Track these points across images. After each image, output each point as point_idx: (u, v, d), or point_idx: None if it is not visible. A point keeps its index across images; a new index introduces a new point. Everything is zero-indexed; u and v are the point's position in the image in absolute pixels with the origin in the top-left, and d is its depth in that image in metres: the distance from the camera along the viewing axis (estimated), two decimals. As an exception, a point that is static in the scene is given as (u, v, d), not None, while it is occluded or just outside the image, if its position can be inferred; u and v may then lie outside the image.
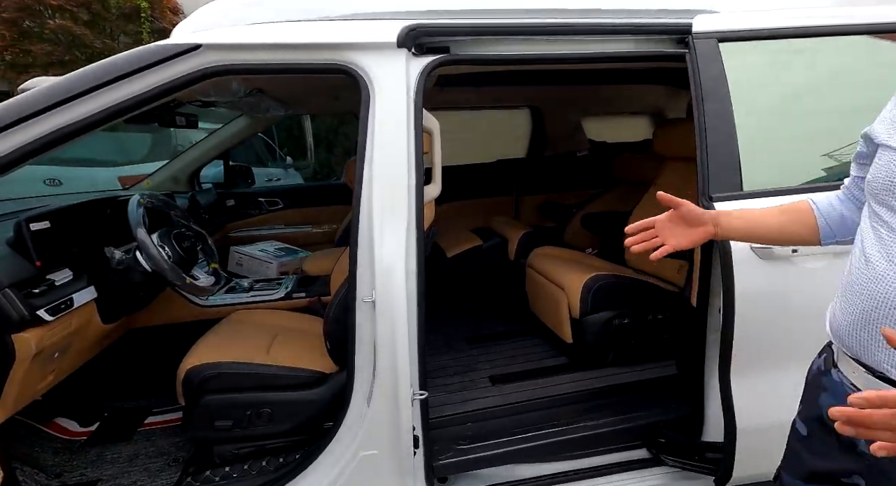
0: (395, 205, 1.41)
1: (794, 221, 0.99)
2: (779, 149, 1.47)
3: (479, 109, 3.33)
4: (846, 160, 1.24)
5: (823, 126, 1.51)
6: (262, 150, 5.94)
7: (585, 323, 1.95)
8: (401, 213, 1.41)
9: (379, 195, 1.40)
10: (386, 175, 1.40)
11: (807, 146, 1.50)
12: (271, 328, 1.88)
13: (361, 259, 1.41)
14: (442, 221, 3.48)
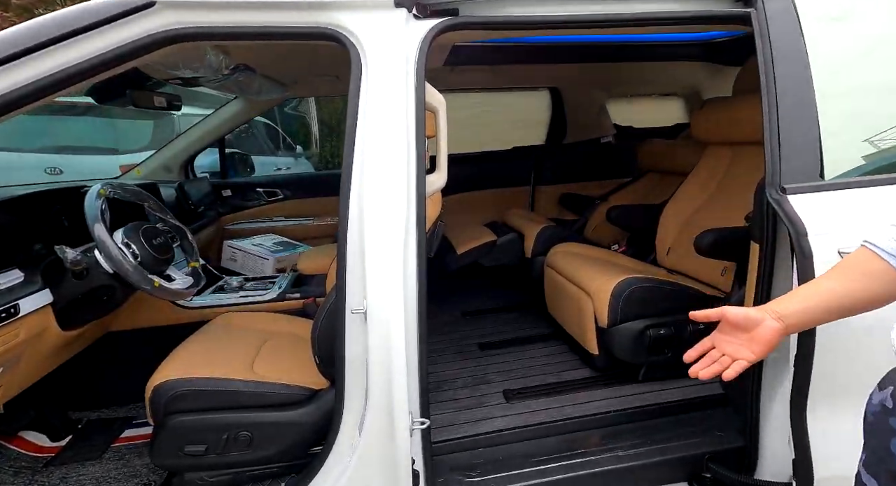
0: (390, 198, 1.17)
1: (862, 278, 0.80)
2: (870, 129, 1.19)
3: (493, 91, 3.06)
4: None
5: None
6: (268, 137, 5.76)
7: (614, 334, 1.70)
8: (398, 207, 1.18)
9: (371, 187, 1.17)
10: (380, 163, 1.17)
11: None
12: (260, 334, 1.67)
13: (351, 262, 1.19)
14: (452, 214, 3.24)
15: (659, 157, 2.78)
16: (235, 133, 5.55)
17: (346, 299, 1.19)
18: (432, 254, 1.66)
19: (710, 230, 1.68)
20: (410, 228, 1.20)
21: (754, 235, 1.40)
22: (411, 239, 1.21)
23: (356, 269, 1.18)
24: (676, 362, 1.81)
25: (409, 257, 1.20)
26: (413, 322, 1.22)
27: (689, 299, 1.75)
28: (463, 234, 2.71)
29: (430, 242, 1.51)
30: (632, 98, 3.29)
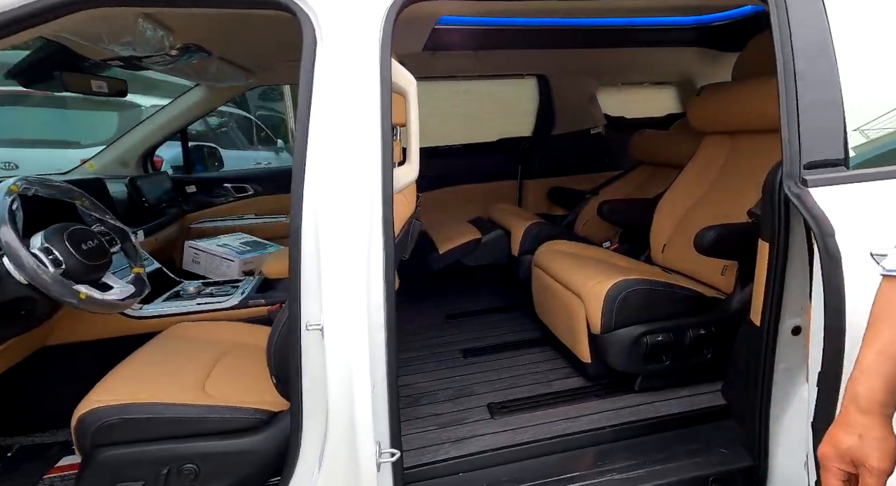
0: (350, 197, 1.00)
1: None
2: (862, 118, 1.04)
3: (477, 78, 2.88)
4: None
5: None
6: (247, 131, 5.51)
7: (608, 341, 1.56)
8: (359, 207, 1.01)
9: (328, 184, 1.00)
10: (337, 156, 1.00)
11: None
12: (216, 347, 1.49)
13: (306, 270, 1.02)
14: (434, 210, 3.08)
15: (652, 148, 2.64)
16: (214, 127, 5.31)
17: (300, 312, 1.02)
18: (406, 256, 1.49)
19: (711, 227, 1.54)
20: (375, 230, 1.03)
21: (764, 232, 1.26)
22: (376, 242, 1.04)
23: (311, 278, 1.01)
24: (675, 370, 1.69)
25: (373, 263, 1.04)
26: (380, 338, 1.05)
27: (689, 303, 1.61)
28: (445, 231, 2.54)
29: (402, 244, 1.34)
30: (622, 87, 3.14)
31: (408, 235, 1.42)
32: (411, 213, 1.38)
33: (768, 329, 1.23)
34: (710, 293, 1.68)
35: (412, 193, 1.39)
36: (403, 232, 1.32)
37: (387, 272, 1.06)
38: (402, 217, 1.31)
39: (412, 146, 1.17)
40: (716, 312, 1.61)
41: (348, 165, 1.01)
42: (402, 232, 1.32)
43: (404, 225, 1.33)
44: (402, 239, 1.32)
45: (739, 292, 1.61)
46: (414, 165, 1.16)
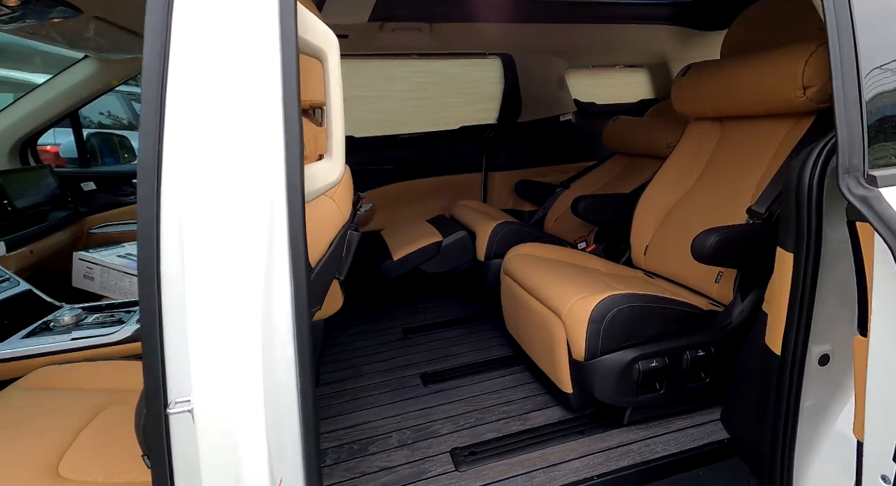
0: (235, 205, 0.67)
1: None
2: None
3: (434, 57, 2.54)
4: None
5: None
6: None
7: (593, 369, 1.29)
8: (250, 220, 0.68)
9: (196, 186, 0.65)
10: (211, 147, 0.66)
11: None
12: (88, 401, 1.12)
13: (167, 315, 0.68)
14: (389, 208, 2.75)
15: (627, 137, 2.40)
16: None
17: (161, 380, 0.68)
18: (342, 276, 1.17)
19: (711, 231, 1.29)
20: (278, 254, 0.71)
21: (785, 241, 1.01)
22: (280, 271, 0.71)
23: (175, 330, 0.67)
24: (668, 399, 1.45)
25: (276, 300, 0.71)
26: (289, 409, 0.72)
27: (685, 320, 1.36)
28: (401, 234, 2.22)
29: (332, 264, 1.01)
30: (594, 69, 2.89)
31: (342, 250, 1.09)
32: (345, 221, 1.05)
33: (793, 358, 0.99)
34: (705, 306, 1.44)
35: (345, 196, 1.06)
36: (334, 248, 0.99)
37: (297, 312, 0.73)
38: (330, 229, 0.98)
39: (335, 134, 0.84)
40: (715, 329, 1.38)
41: (232, 162, 0.67)
42: (332, 248, 0.99)
43: (335, 239, 1.01)
44: (333, 258, 0.99)
45: (739, 304, 1.38)
46: (338, 160, 0.84)
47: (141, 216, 0.66)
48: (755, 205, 1.40)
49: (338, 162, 0.82)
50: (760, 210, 1.37)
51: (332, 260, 0.99)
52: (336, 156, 0.82)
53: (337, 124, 0.82)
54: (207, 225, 0.66)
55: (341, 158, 0.83)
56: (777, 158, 1.48)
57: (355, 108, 2.48)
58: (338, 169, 0.82)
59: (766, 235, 1.31)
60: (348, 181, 1.10)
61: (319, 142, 1.11)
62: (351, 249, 1.12)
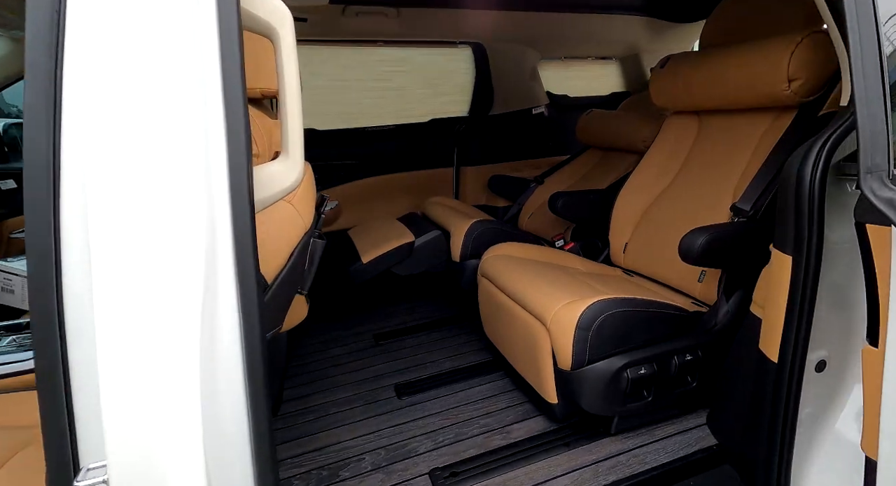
0: (166, 216, 0.54)
1: None
2: None
3: (402, 45, 2.40)
4: None
5: None
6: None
7: (581, 379, 1.21)
8: (185, 234, 0.55)
9: (102, 191, 0.52)
10: (124, 138, 0.52)
11: None
12: (4, 439, 0.95)
13: (73, 350, 0.54)
14: (356, 206, 2.60)
15: (601, 130, 2.34)
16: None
17: (68, 443, 0.54)
18: (305, 290, 1.04)
19: (699, 231, 1.23)
20: (221, 272, 0.58)
21: (783, 242, 0.96)
22: (224, 291, 0.58)
23: (82, 375, 0.54)
24: (656, 406, 1.39)
25: (219, 328, 0.58)
26: (240, 465, 0.60)
27: (672, 323, 1.31)
28: (371, 234, 2.09)
29: (292, 277, 0.88)
30: (566, 61, 2.82)
31: (305, 261, 0.96)
32: (307, 228, 0.92)
33: (792, 366, 0.94)
34: (689, 306, 1.40)
35: (307, 199, 0.93)
36: (294, 260, 0.86)
37: (248, 340, 0.61)
38: (290, 238, 0.85)
39: (291, 127, 0.71)
40: (700, 331, 1.33)
41: (155, 162, 0.54)
42: (293, 260, 0.86)
43: (296, 249, 0.87)
44: (293, 271, 0.86)
45: (725, 304, 1.34)
46: (296, 159, 0.71)
47: (31, 224, 0.51)
48: (739, 202, 1.35)
49: (296, 161, 0.70)
50: (745, 208, 1.32)
51: (292, 274, 0.86)
52: (294, 153, 0.69)
53: (293, 116, 0.69)
54: (124, 237, 0.52)
55: (300, 155, 0.70)
56: (758, 154, 1.44)
57: (317, 98, 2.31)
58: (296, 169, 0.69)
59: (753, 234, 1.26)
60: (310, 181, 0.97)
61: (274, 137, 0.97)
62: (315, 259, 0.98)
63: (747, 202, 1.33)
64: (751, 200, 1.33)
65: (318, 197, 1.16)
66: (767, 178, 1.32)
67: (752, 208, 1.31)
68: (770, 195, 1.31)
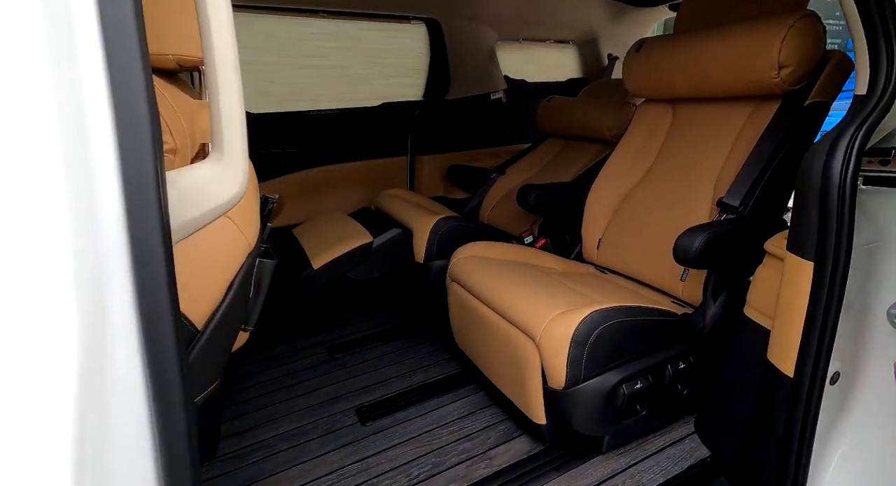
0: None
1: None
2: None
3: (347, 17, 2.13)
4: None
5: None
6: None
7: (574, 398, 1.09)
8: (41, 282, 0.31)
9: None
10: None
11: None
12: None
13: None
14: (301, 200, 2.32)
15: (564, 118, 2.23)
16: None
17: None
18: (251, 326, 0.81)
19: (696, 231, 1.13)
20: (113, 332, 0.35)
21: (802, 246, 0.87)
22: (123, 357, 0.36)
23: None
24: (650, 419, 1.26)
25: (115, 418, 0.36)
26: None
27: (665, 329, 1.21)
28: (319, 233, 1.84)
29: (232, 315, 0.66)
30: (523, 43, 2.68)
31: (249, 289, 0.73)
32: (251, 247, 0.69)
33: (812, 381, 0.86)
34: (677, 309, 1.31)
35: (250, 209, 0.69)
36: (235, 291, 0.64)
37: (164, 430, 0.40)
38: (228, 266, 0.62)
39: (228, 113, 0.48)
40: (691, 335, 1.25)
41: None
42: (233, 292, 0.63)
43: (237, 277, 0.65)
44: (233, 307, 0.63)
45: (712, 306, 1.27)
46: (236, 159, 0.48)
47: None
48: (726, 197, 1.28)
49: (236, 161, 0.47)
50: (734, 203, 1.25)
51: (232, 310, 0.64)
52: (234, 150, 0.47)
53: (230, 96, 0.47)
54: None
55: (242, 153, 0.48)
56: (740, 145, 1.37)
57: (247, 76, 1.99)
58: (238, 174, 0.47)
59: (747, 232, 1.19)
60: (254, 184, 0.74)
61: (200, 123, 0.72)
62: (263, 285, 0.76)
63: (735, 198, 1.26)
64: (738, 196, 1.25)
65: (261, 199, 0.92)
66: (755, 172, 1.26)
67: (741, 204, 1.24)
68: (758, 190, 1.25)
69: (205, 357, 0.59)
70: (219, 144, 0.45)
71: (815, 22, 1.18)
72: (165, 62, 0.68)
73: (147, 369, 0.41)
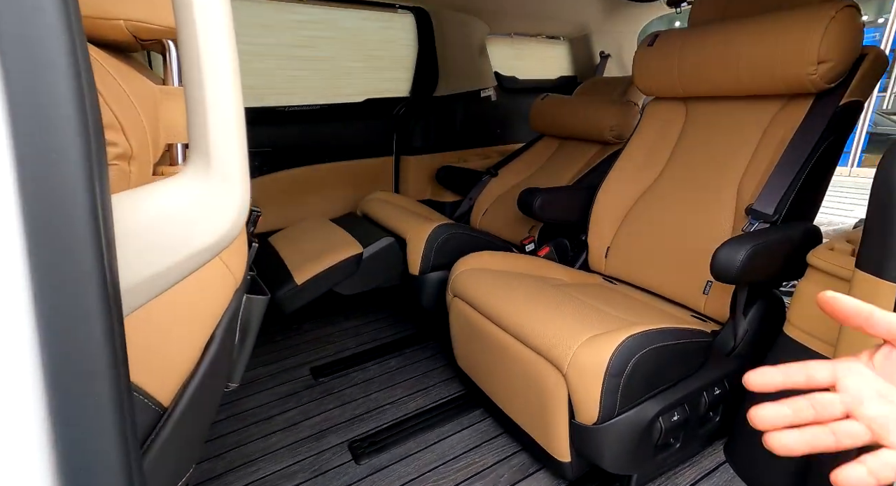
0: None
1: None
2: None
3: (329, 3, 1.94)
4: None
5: None
6: None
7: (606, 434, 0.96)
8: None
9: None
10: None
11: None
12: None
13: None
14: (278, 205, 2.11)
15: (560, 118, 2.11)
16: None
17: None
18: (236, 383, 0.63)
19: (737, 242, 1.02)
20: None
21: (886, 267, 0.76)
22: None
23: None
24: (684, 452, 0.94)
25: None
26: None
27: (700, 352, 1.10)
28: (301, 242, 1.64)
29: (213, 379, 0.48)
30: (514, 37, 2.54)
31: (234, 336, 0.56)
32: (238, 282, 0.51)
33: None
34: (704, 325, 1.21)
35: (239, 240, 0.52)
36: (216, 351, 0.46)
37: None
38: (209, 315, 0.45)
39: (220, 105, 0.31)
40: (721, 356, 1.14)
41: None
42: (214, 352, 0.46)
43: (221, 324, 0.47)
44: (215, 369, 0.46)
45: (743, 323, 1.17)
46: (235, 172, 0.31)
47: None
48: (757, 204, 1.18)
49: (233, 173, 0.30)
50: (767, 211, 1.15)
51: (213, 372, 0.46)
52: (229, 156, 0.30)
53: (224, 77, 0.29)
54: None
55: (241, 160, 0.31)
56: (764, 148, 1.28)
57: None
58: (236, 193, 0.30)
59: (791, 242, 1.09)
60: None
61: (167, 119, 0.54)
62: (251, 328, 0.58)
63: (767, 204, 1.16)
64: (771, 203, 1.16)
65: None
66: (788, 177, 1.16)
67: (776, 212, 1.14)
68: (792, 196, 1.15)
69: (174, 442, 0.42)
70: (202, 147, 0.28)
71: (857, 13, 1.09)
72: (114, 31, 0.49)
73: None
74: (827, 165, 1.20)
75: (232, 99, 0.29)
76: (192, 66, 0.29)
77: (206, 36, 0.28)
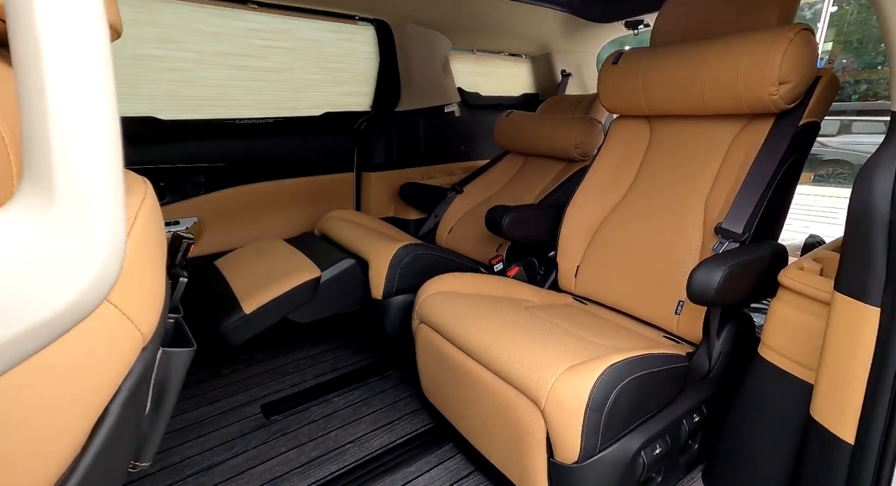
0: None
1: None
2: None
3: (284, 11, 1.84)
4: None
5: None
6: None
7: (588, 473, 0.88)
8: None
9: None
10: None
11: None
12: None
13: None
14: (221, 224, 1.94)
15: (525, 135, 2.09)
16: None
17: None
18: (148, 462, 0.51)
19: (712, 263, 0.99)
20: None
21: (866, 290, 0.74)
22: None
23: None
24: (664, 482, 0.89)
25: None
26: None
27: (679, 377, 1.05)
28: (250, 265, 1.50)
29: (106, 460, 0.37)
30: (477, 54, 2.52)
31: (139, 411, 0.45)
32: (153, 330, 0.40)
33: (884, 450, 0.72)
34: (678, 348, 1.17)
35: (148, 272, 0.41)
36: (109, 434, 0.35)
37: None
38: (99, 386, 0.34)
39: (56, 107, 0.20)
40: (698, 381, 1.10)
41: None
42: (107, 436, 0.34)
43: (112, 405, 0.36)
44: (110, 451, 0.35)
45: (716, 344, 1.14)
46: (103, 202, 0.21)
47: None
48: (727, 223, 1.16)
49: (94, 212, 0.21)
50: (736, 230, 1.14)
51: (107, 456, 0.35)
52: (83, 188, 0.20)
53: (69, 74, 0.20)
54: None
55: (109, 194, 0.21)
56: (729, 166, 1.28)
57: (159, 75, 1.63)
58: (100, 240, 0.21)
59: (766, 261, 1.07)
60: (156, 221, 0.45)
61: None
62: (169, 389, 0.47)
63: (737, 224, 1.14)
64: (740, 221, 1.14)
65: (170, 237, 0.63)
66: (755, 196, 1.16)
67: (745, 230, 1.13)
68: (759, 215, 1.14)
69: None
70: (42, 170, 0.18)
71: (812, 36, 1.11)
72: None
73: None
74: (788, 183, 1.20)
75: (100, 99, 0.20)
76: (20, 69, 0.20)
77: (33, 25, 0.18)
